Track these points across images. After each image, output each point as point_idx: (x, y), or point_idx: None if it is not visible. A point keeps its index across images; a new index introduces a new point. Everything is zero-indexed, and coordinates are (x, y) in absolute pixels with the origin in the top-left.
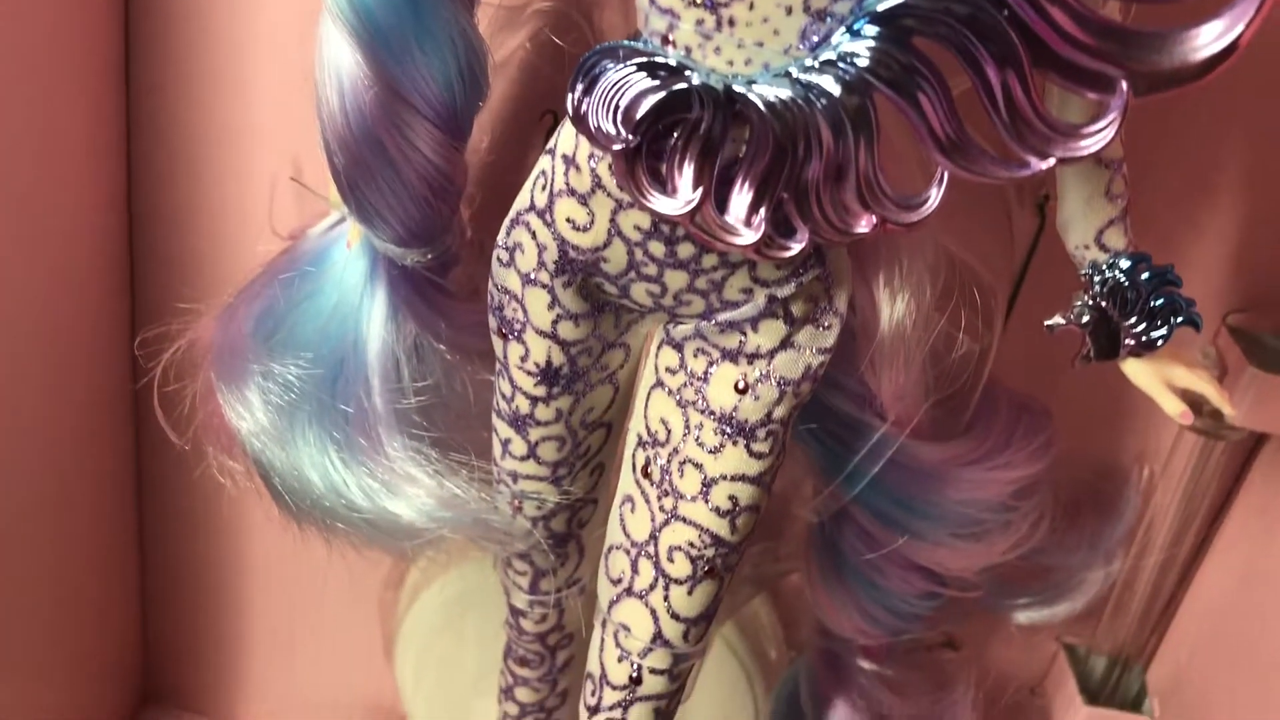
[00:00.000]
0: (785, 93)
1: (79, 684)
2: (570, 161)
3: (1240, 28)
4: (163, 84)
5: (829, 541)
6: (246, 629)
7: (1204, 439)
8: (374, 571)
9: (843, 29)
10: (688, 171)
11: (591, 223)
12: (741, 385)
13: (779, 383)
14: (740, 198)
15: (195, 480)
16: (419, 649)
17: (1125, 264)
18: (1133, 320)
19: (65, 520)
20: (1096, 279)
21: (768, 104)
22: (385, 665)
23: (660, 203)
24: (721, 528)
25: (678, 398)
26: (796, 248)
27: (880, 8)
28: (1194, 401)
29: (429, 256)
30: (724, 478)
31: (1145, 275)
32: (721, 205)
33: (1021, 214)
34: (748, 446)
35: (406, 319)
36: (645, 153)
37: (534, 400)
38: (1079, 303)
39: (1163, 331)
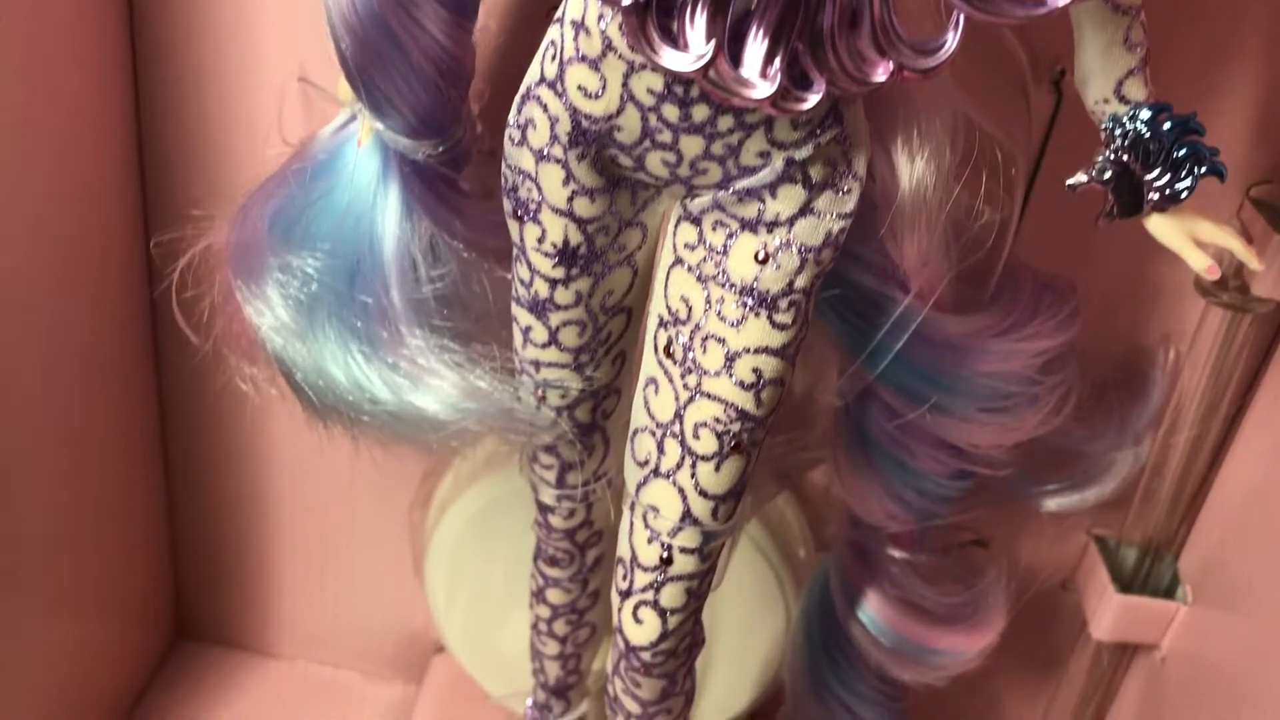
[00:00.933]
0: None
1: (111, 623)
2: (580, 26)
3: None
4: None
5: (855, 424)
6: (276, 559)
7: (1230, 314)
8: (402, 493)
9: None
10: (700, 23)
11: (604, 89)
12: (762, 255)
13: (800, 250)
14: (755, 48)
15: (217, 401)
16: (449, 566)
17: (1146, 115)
18: (1156, 173)
19: (88, 452)
20: (1117, 132)
21: None
22: (417, 587)
23: (672, 58)
24: (746, 401)
25: (698, 273)
26: (814, 99)
27: None
28: (1221, 277)
29: (440, 149)
30: (747, 350)
31: (1167, 125)
32: (735, 59)
33: (1038, 93)
34: (770, 318)
35: (421, 217)
36: (655, 8)
37: (553, 283)
38: (1100, 158)
39: (1187, 182)
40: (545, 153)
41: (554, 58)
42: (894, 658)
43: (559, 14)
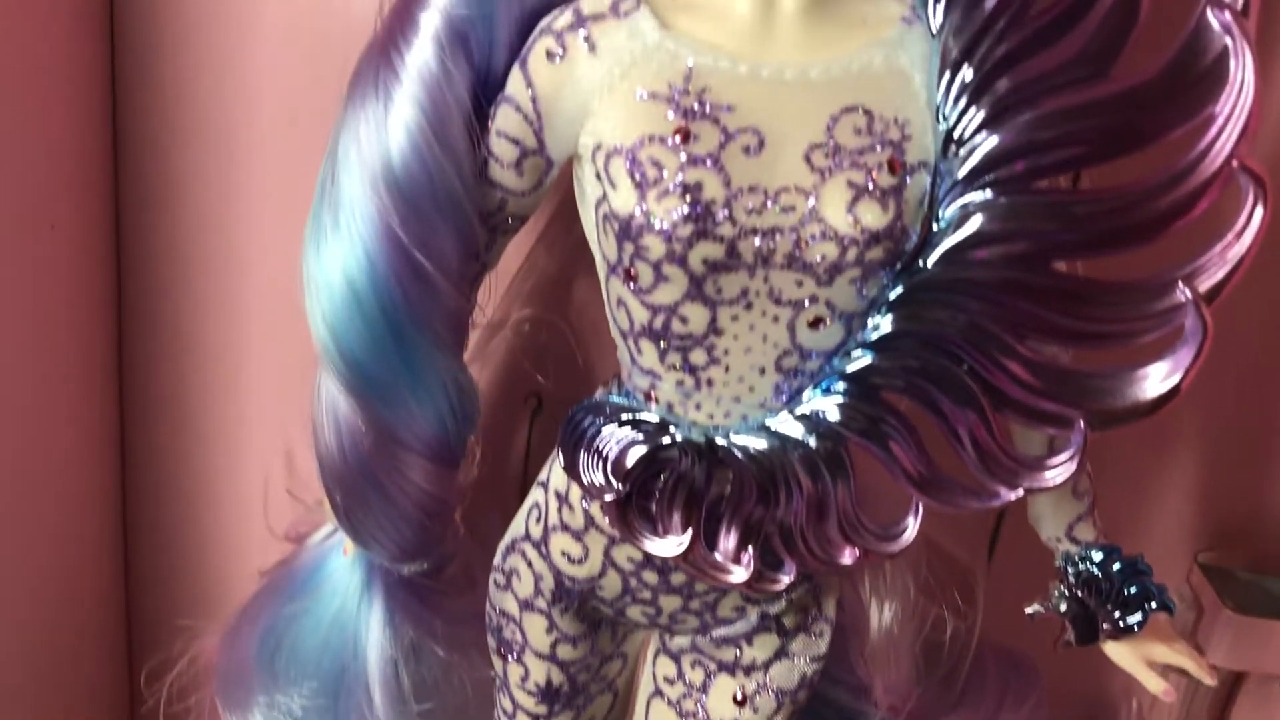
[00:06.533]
0: (762, 443)
1: None
2: (563, 499)
3: (1179, 375)
4: (154, 393)
5: None
6: None
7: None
8: None
9: (814, 387)
10: (677, 515)
11: (586, 556)
12: (739, 697)
13: (776, 694)
14: (727, 538)
15: None
16: None
17: (1097, 556)
18: (1108, 608)
19: None
20: (1070, 570)
21: (747, 454)
22: None
23: (654, 545)
24: None
25: (678, 708)
26: (786, 579)
27: (848, 369)
28: None
29: (424, 566)
30: None
31: (1117, 566)
32: (711, 542)
33: None
34: None
35: (403, 622)
36: (636, 494)
37: (535, 718)
38: (1056, 593)
39: (1137, 618)
40: (529, 603)
41: (538, 520)
42: None
43: (543, 477)
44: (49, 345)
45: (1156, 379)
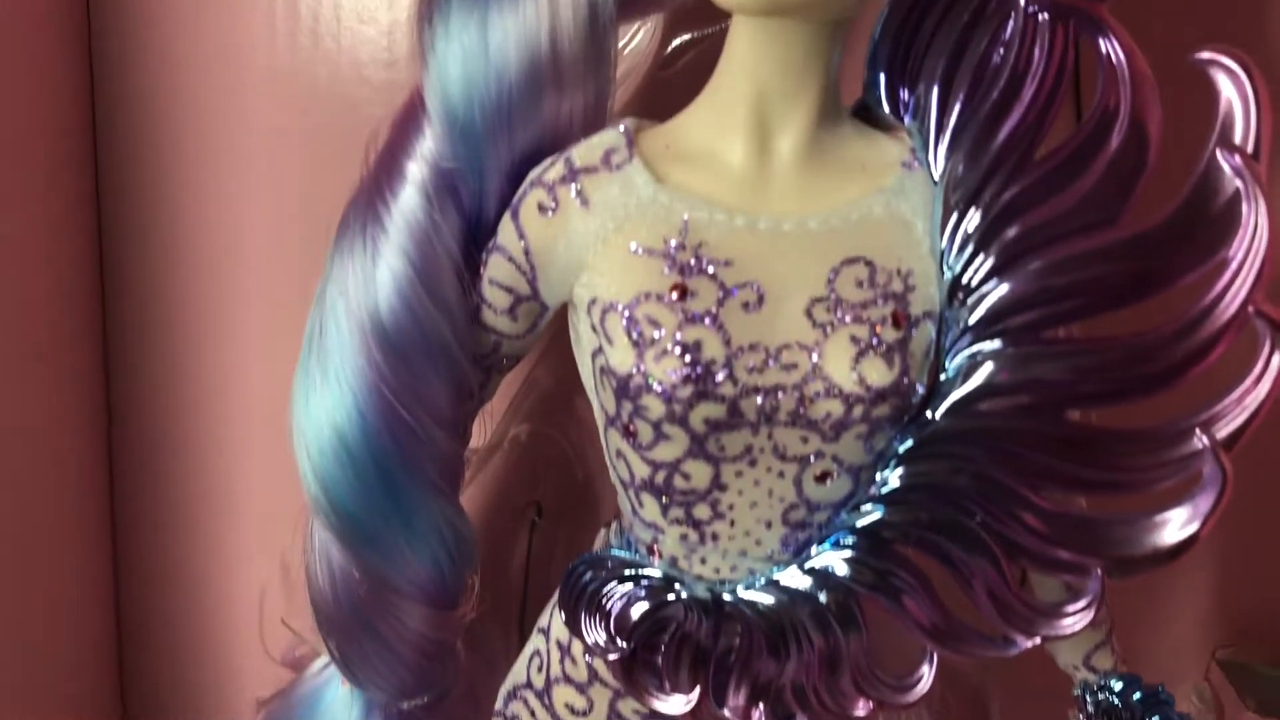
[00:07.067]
0: (770, 599)
1: None
2: (565, 651)
3: (1199, 523)
4: (147, 507)
5: None
6: None
7: None
8: None
9: (823, 541)
10: (683, 673)
11: (590, 708)
12: None
13: None
14: (737, 696)
15: None
16: None
17: (1117, 685)
18: None
19: None
20: (1089, 699)
21: (755, 610)
22: None
23: (662, 704)
24: None
25: None
26: None
27: (858, 524)
28: None
29: (425, 699)
30: None
31: (1137, 696)
32: (720, 699)
33: None
34: None
35: None
36: (642, 648)
37: None
38: None
39: None
40: None
41: (540, 670)
42: None
43: (543, 624)
44: (44, 464)
45: (1176, 525)
